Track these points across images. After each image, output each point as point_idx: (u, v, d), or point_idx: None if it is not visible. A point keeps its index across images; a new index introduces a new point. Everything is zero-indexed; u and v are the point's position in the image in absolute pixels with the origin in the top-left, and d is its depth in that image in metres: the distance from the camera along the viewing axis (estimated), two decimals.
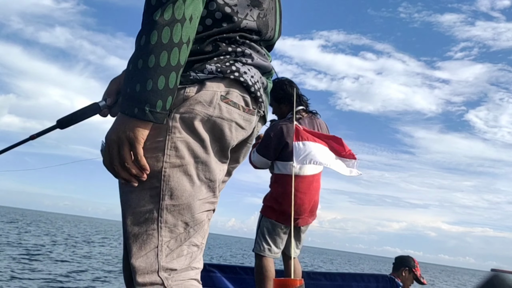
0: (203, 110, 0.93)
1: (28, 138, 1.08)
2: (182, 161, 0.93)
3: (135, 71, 0.85)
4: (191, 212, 0.95)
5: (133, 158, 0.89)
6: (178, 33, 0.85)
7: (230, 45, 0.99)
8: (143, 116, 0.85)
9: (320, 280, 3.68)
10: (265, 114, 1.12)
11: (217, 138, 0.98)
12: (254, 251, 2.89)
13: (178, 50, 0.85)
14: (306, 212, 2.92)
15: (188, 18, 0.86)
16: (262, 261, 2.82)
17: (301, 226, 2.97)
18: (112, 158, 0.89)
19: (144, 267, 0.90)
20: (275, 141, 2.88)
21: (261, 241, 2.86)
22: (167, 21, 0.84)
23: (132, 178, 0.90)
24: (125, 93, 0.86)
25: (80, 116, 1.05)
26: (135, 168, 0.89)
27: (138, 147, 0.88)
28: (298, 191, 2.85)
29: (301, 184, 2.89)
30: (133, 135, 0.86)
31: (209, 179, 0.98)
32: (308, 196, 2.91)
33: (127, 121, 0.86)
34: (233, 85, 0.98)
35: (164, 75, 0.85)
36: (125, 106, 0.86)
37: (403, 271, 3.61)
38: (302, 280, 2.49)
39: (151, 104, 0.84)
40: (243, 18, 0.99)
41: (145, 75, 0.84)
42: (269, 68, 1.10)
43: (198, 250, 0.98)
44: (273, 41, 1.15)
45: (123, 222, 0.95)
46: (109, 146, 0.88)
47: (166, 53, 0.84)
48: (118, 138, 0.87)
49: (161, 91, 0.85)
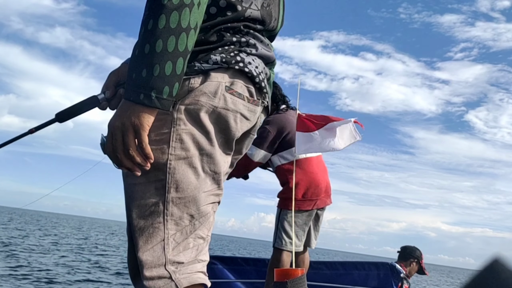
0: (208, 101, 0.92)
1: (27, 132, 1.07)
2: (187, 153, 0.92)
3: (142, 56, 0.82)
4: (196, 205, 0.94)
5: (137, 145, 0.86)
6: (186, 18, 0.83)
7: (235, 35, 0.97)
8: (149, 102, 0.82)
9: (322, 269, 3.70)
10: (268, 104, 1.11)
11: (222, 130, 0.97)
12: (275, 246, 2.88)
13: (186, 36, 0.83)
14: (323, 192, 2.94)
15: (197, 3, 0.84)
16: (281, 255, 2.83)
17: (320, 207, 2.99)
18: (115, 146, 0.85)
19: (151, 260, 0.90)
20: (274, 134, 2.88)
21: (282, 234, 2.85)
22: (175, 5, 0.81)
23: (136, 167, 0.87)
24: (131, 79, 0.83)
25: (79, 109, 1.02)
26: (139, 156, 0.86)
27: (143, 134, 0.84)
28: (311, 172, 2.90)
29: (310, 165, 2.93)
30: (138, 121, 0.83)
31: (214, 171, 0.97)
32: (320, 176, 2.95)
33: (132, 107, 0.83)
34: (238, 75, 0.97)
35: (172, 60, 0.82)
36: (130, 92, 0.83)
37: (411, 263, 3.66)
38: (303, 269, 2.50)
39: (158, 90, 0.82)
40: (247, 7, 0.98)
41: (152, 60, 0.81)
42: (273, 58, 1.08)
43: (204, 243, 0.98)
44: (275, 31, 1.13)
45: (128, 216, 0.94)
46: (112, 133, 0.85)
47: (174, 38, 0.82)
48: (123, 124, 0.84)
49: (168, 77, 0.82)
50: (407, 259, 3.68)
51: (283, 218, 2.88)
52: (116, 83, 1.04)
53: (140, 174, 0.88)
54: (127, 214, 0.95)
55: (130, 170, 0.87)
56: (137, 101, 0.82)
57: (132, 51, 0.86)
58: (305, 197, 2.87)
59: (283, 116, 2.92)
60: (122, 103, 0.86)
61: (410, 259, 3.67)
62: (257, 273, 3.72)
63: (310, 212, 2.92)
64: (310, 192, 2.87)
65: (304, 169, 2.89)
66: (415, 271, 3.68)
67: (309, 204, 2.88)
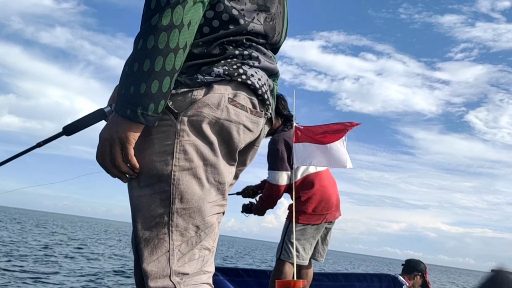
0: (211, 112, 0.94)
1: (35, 146, 1.09)
2: (191, 164, 0.93)
3: (131, 74, 0.87)
4: (201, 215, 0.94)
5: (124, 157, 0.91)
6: (175, 39, 0.86)
7: (237, 48, 0.99)
8: (134, 118, 0.86)
9: (323, 281, 3.68)
10: (271, 116, 1.12)
11: (225, 141, 0.98)
12: (281, 258, 2.87)
13: (174, 56, 0.86)
14: (333, 206, 2.96)
15: (187, 24, 0.87)
16: (284, 267, 2.82)
17: (329, 221, 3.00)
18: (104, 156, 0.91)
19: (156, 271, 0.90)
20: (286, 151, 2.89)
21: (289, 247, 2.85)
22: (165, 26, 0.85)
23: (123, 175, 0.93)
24: (120, 94, 0.88)
25: (86, 122, 1.05)
26: (125, 166, 0.92)
27: (129, 147, 0.89)
28: (323, 186, 2.93)
29: (321, 179, 2.95)
30: (124, 135, 0.88)
31: (218, 182, 0.98)
32: (331, 189, 2.97)
33: (120, 121, 0.88)
34: (241, 87, 0.98)
35: (158, 79, 0.86)
36: (119, 106, 0.88)
37: (415, 276, 3.63)
38: (305, 281, 2.49)
39: (144, 106, 0.86)
40: (250, 21, 0.99)
41: (140, 79, 0.86)
42: (276, 70, 1.10)
43: (209, 254, 0.98)
44: (278, 45, 1.15)
45: (134, 227, 0.94)
46: (102, 143, 0.91)
47: (162, 58, 0.85)
48: (110, 136, 0.89)
49: (154, 95, 0.86)
50: (411, 272, 3.66)
51: (291, 231, 2.86)
52: None
53: (126, 182, 0.95)
54: (133, 226, 0.95)
55: (118, 178, 0.94)
56: (124, 116, 0.87)
57: (123, 67, 0.90)
58: (315, 211, 2.88)
59: (289, 133, 2.94)
60: (112, 115, 0.90)
61: (414, 272, 3.64)
62: (259, 285, 3.69)
63: (319, 226, 2.92)
64: (321, 207, 2.89)
65: (317, 183, 2.92)
66: (419, 285, 3.65)
67: (318, 218, 2.89)
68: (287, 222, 2.93)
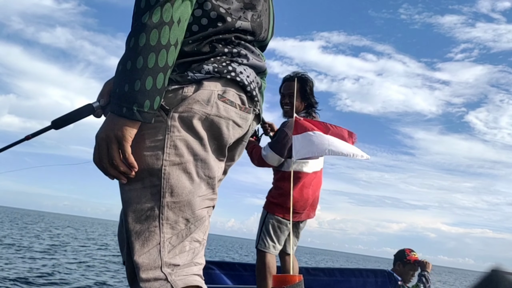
0: (201, 108, 0.96)
1: (23, 139, 1.11)
2: (181, 159, 0.95)
3: (124, 72, 0.88)
4: (191, 209, 0.97)
5: (121, 156, 0.91)
6: (166, 35, 0.88)
7: (226, 46, 1.02)
8: (131, 116, 0.87)
9: (319, 276, 3.71)
10: (260, 112, 1.14)
11: (215, 136, 1.00)
12: (258, 247, 2.93)
13: (166, 52, 0.88)
14: (308, 206, 3.02)
15: (176, 21, 0.89)
16: (265, 258, 2.86)
17: (303, 220, 3.07)
18: (101, 156, 0.92)
19: (147, 263, 0.92)
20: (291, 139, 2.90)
21: (266, 237, 2.90)
22: (155, 23, 0.86)
23: (121, 175, 0.93)
24: (115, 93, 0.89)
25: (74, 117, 1.07)
26: (123, 165, 0.92)
27: (126, 145, 0.90)
28: (305, 186, 2.97)
29: (307, 180, 2.99)
30: (121, 133, 0.89)
31: (208, 176, 1.00)
32: (311, 190, 3.01)
33: (116, 120, 0.89)
34: (230, 84, 1.01)
35: (152, 76, 0.87)
36: (114, 106, 0.89)
37: (397, 265, 3.64)
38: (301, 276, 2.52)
39: (139, 104, 0.87)
40: (237, 18, 1.02)
41: (134, 76, 0.87)
42: (264, 68, 1.12)
43: (200, 246, 1.01)
44: (266, 42, 1.17)
45: (125, 220, 0.96)
46: (99, 144, 0.91)
47: (154, 54, 0.87)
48: (107, 136, 0.90)
49: (149, 91, 0.88)
50: (394, 265, 3.67)
51: (268, 221, 2.94)
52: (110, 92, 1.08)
53: (125, 181, 0.94)
54: (124, 219, 0.97)
55: (116, 178, 0.94)
56: (120, 114, 0.88)
57: (116, 67, 0.91)
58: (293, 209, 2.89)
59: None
60: (108, 116, 0.91)
61: (396, 262, 3.65)
62: (255, 278, 3.73)
63: (293, 222, 2.98)
64: (298, 206, 2.94)
65: (300, 181, 2.95)
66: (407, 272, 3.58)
67: (294, 215, 2.94)
68: (265, 212, 2.98)
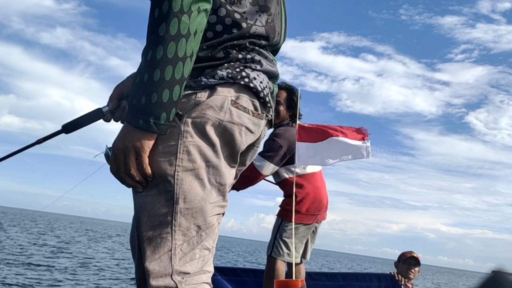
0: (214, 114, 0.95)
1: (35, 142, 1.12)
2: (194, 165, 0.94)
3: (141, 84, 0.88)
4: (203, 216, 0.96)
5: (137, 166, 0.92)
6: (183, 47, 0.87)
7: (240, 51, 1.01)
8: (147, 128, 0.88)
9: (322, 281, 3.69)
10: (272, 118, 1.14)
11: (228, 142, 0.99)
12: (272, 255, 2.89)
13: (182, 64, 0.88)
14: (324, 207, 3.01)
15: (193, 32, 0.89)
16: (276, 264, 2.85)
17: (319, 221, 3.06)
18: (118, 166, 0.93)
19: (158, 270, 0.91)
20: (286, 148, 2.90)
21: (281, 245, 2.87)
22: (172, 36, 0.86)
23: (137, 184, 0.94)
24: (132, 104, 0.89)
25: (84, 121, 1.09)
26: (139, 175, 0.93)
27: (144, 156, 0.91)
28: (317, 187, 2.98)
29: (315, 180, 3.00)
30: (139, 144, 0.90)
31: (220, 183, 0.99)
32: (323, 191, 3.02)
33: (133, 131, 0.90)
34: (243, 90, 1.00)
35: (169, 88, 0.87)
36: (131, 117, 0.89)
37: (396, 266, 3.62)
38: (303, 281, 2.51)
39: (156, 116, 0.88)
40: (252, 23, 1.01)
41: (150, 89, 0.87)
42: (276, 73, 1.12)
43: (209, 254, 1.00)
44: (279, 45, 1.17)
45: (138, 226, 0.96)
46: (116, 154, 0.92)
47: (171, 67, 0.87)
48: (125, 147, 0.91)
49: (165, 104, 0.88)
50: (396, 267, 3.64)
51: (283, 229, 2.90)
52: (119, 96, 1.10)
53: (142, 190, 0.95)
54: (136, 225, 0.97)
55: (132, 187, 0.95)
56: (136, 126, 0.89)
57: (134, 78, 0.91)
58: (308, 211, 2.92)
59: (294, 130, 2.94)
60: (124, 126, 0.92)
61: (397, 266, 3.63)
62: (257, 284, 3.71)
63: (310, 226, 2.97)
64: (314, 207, 2.93)
65: (311, 184, 2.96)
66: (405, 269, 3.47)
67: (310, 218, 2.93)
68: (279, 219, 2.95)
